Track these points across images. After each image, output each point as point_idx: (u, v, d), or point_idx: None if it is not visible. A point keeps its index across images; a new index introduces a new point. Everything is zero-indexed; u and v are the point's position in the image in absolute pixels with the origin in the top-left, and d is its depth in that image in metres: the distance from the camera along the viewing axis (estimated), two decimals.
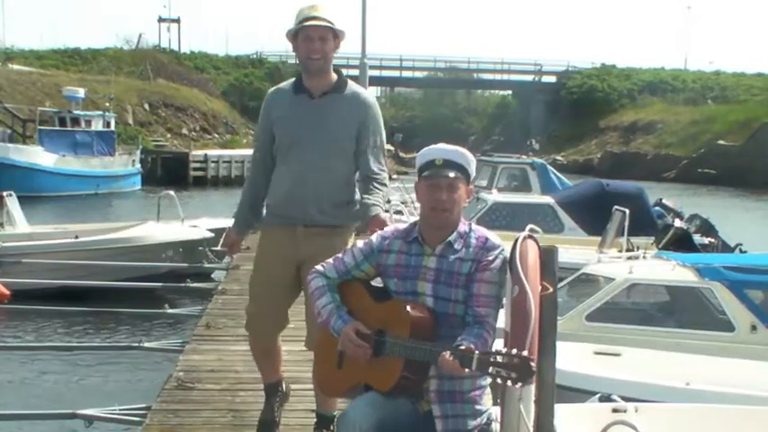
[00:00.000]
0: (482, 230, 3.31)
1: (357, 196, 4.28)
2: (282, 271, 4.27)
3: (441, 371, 3.09)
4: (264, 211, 4.45)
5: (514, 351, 2.78)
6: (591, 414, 4.20)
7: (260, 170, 4.42)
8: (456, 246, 3.23)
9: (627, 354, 6.87)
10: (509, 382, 2.77)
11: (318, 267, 3.40)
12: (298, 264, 4.23)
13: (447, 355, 2.92)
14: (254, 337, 4.48)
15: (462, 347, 2.93)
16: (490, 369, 2.81)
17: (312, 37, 4.12)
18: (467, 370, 2.89)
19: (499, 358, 2.80)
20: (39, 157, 31.72)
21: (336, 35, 4.17)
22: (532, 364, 2.75)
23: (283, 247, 4.25)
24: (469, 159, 3.30)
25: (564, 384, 3.12)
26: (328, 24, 4.12)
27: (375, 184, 4.23)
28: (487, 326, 3.11)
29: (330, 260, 3.41)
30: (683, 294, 8.42)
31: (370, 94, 4.45)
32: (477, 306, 3.14)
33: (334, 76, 4.25)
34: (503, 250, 3.22)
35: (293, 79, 4.35)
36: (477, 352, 2.87)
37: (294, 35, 4.16)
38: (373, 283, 3.40)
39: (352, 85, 4.31)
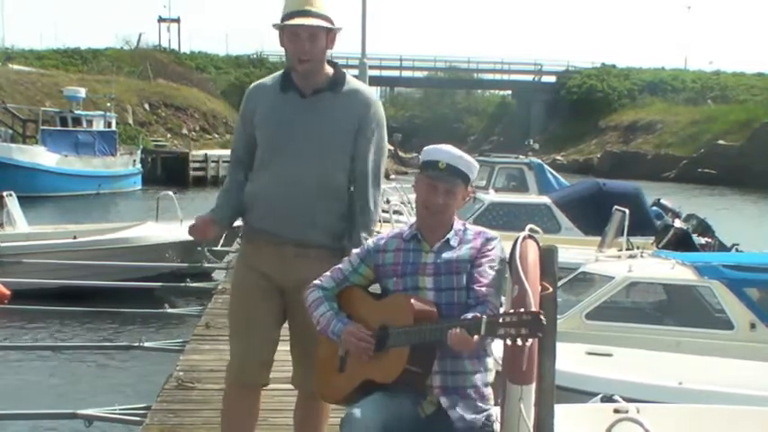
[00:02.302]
0: (477, 227, 3.37)
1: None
2: (265, 298, 3.68)
3: (444, 366, 3.11)
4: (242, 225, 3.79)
5: (522, 309, 2.78)
6: (592, 414, 4.20)
7: (243, 175, 3.74)
8: (453, 243, 3.26)
9: (619, 354, 6.86)
10: (519, 341, 2.75)
11: (315, 281, 3.36)
12: (281, 290, 3.67)
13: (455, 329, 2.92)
14: (239, 388, 3.80)
15: (469, 317, 2.95)
16: (500, 330, 2.80)
17: (300, 35, 3.47)
18: (476, 337, 2.89)
19: (507, 318, 2.79)
20: (42, 157, 31.72)
21: (331, 30, 3.53)
22: (542, 317, 2.74)
23: (266, 267, 3.64)
24: (473, 167, 3.33)
25: (558, 384, 3.11)
26: (319, 24, 3.47)
27: (360, 223, 3.63)
28: (490, 304, 3.11)
29: (327, 272, 3.38)
30: (683, 293, 8.42)
31: (373, 91, 3.77)
32: (479, 287, 3.15)
33: (330, 71, 3.61)
34: (500, 241, 3.27)
35: (279, 73, 3.70)
36: (484, 316, 2.88)
37: (281, 28, 3.54)
38: (371, 289, 3.38)
39: (352, 81, 3.66)
